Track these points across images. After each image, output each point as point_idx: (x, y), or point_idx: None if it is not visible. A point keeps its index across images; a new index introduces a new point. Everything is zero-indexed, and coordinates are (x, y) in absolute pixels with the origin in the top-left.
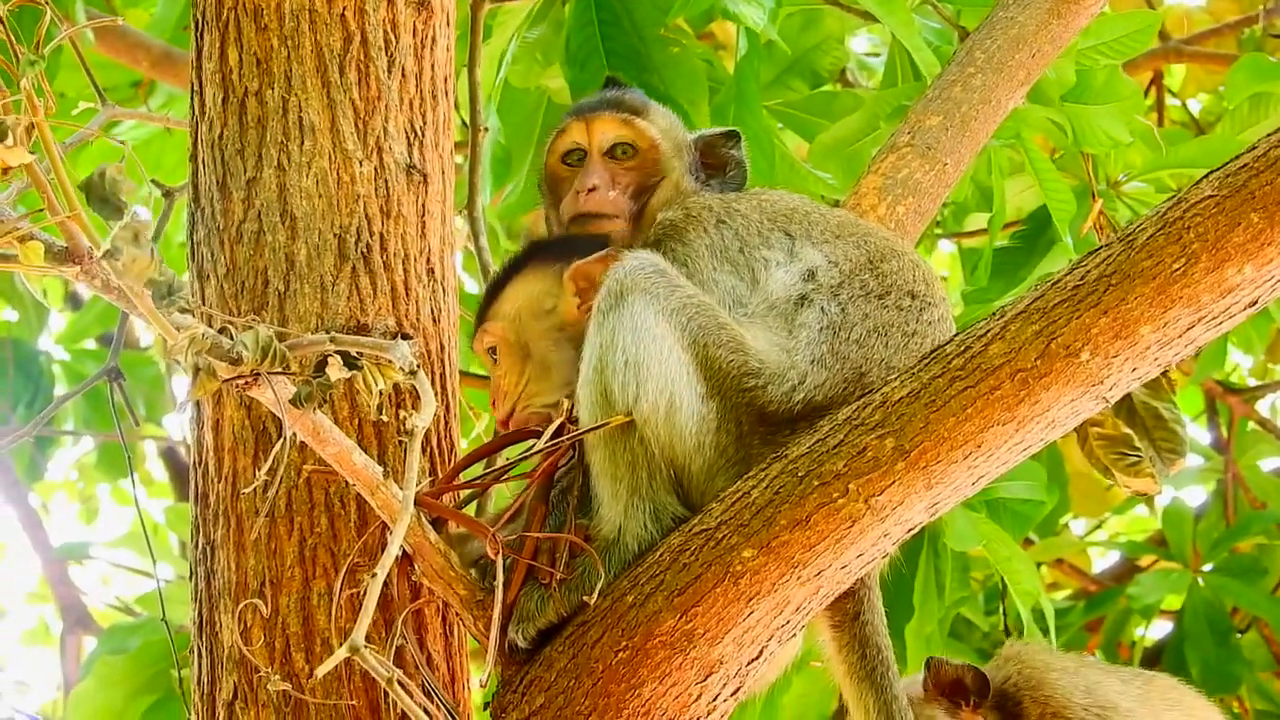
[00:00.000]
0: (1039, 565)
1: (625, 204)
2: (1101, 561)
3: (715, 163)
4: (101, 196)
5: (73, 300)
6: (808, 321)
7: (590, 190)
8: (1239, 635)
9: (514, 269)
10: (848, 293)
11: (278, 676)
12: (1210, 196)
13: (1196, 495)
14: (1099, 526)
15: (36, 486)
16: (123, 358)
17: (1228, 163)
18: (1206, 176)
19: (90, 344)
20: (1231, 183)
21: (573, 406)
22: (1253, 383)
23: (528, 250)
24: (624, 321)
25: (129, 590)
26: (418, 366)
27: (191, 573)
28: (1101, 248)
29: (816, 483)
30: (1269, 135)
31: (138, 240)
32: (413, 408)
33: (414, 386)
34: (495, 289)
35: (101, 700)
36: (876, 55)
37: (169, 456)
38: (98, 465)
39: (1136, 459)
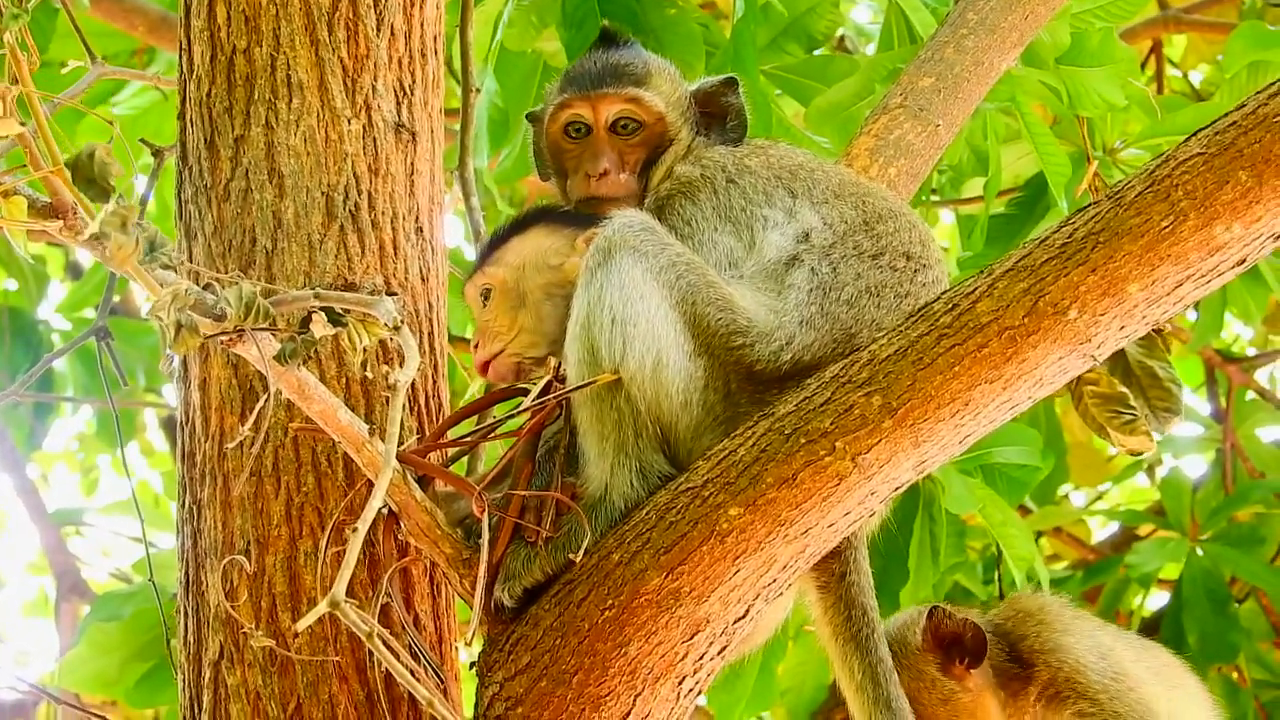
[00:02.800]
0: (1038, 535)
1: (633, 183)
2: (1101, 532)
3: (715, 111)
4: (88, 177)
5: (73, 270)
6: (797, 282)
7: (603, 175)
8: (1237, 605)
9: (525, 223)
10: (840, 253)
11: (262, 634)
12: (1199, 154)
13: (1196, 465)
14: (1099, 498)
15: (37, 457)
16: (123, 326)
17: (1216, 120)
18: (1195, 134)
19: (90, 313)
20: (1220, 140)
21: (560, 364)
22: (1251, 352)
23: (541, 209)
24: (611, 278)
25: (128, 560)
26: (402, 322)
27: (178, 532)
28: (1089, 205)
29: (803, 441)
30: (1258, 93)
31: (125, 227)
32: (399, 365)
33: (400, 344)
34: (501, 238)
35: (95, 667)
36: (876, 23)
37: (170, 426)
38: (98, 435)
39: (1131, 417)
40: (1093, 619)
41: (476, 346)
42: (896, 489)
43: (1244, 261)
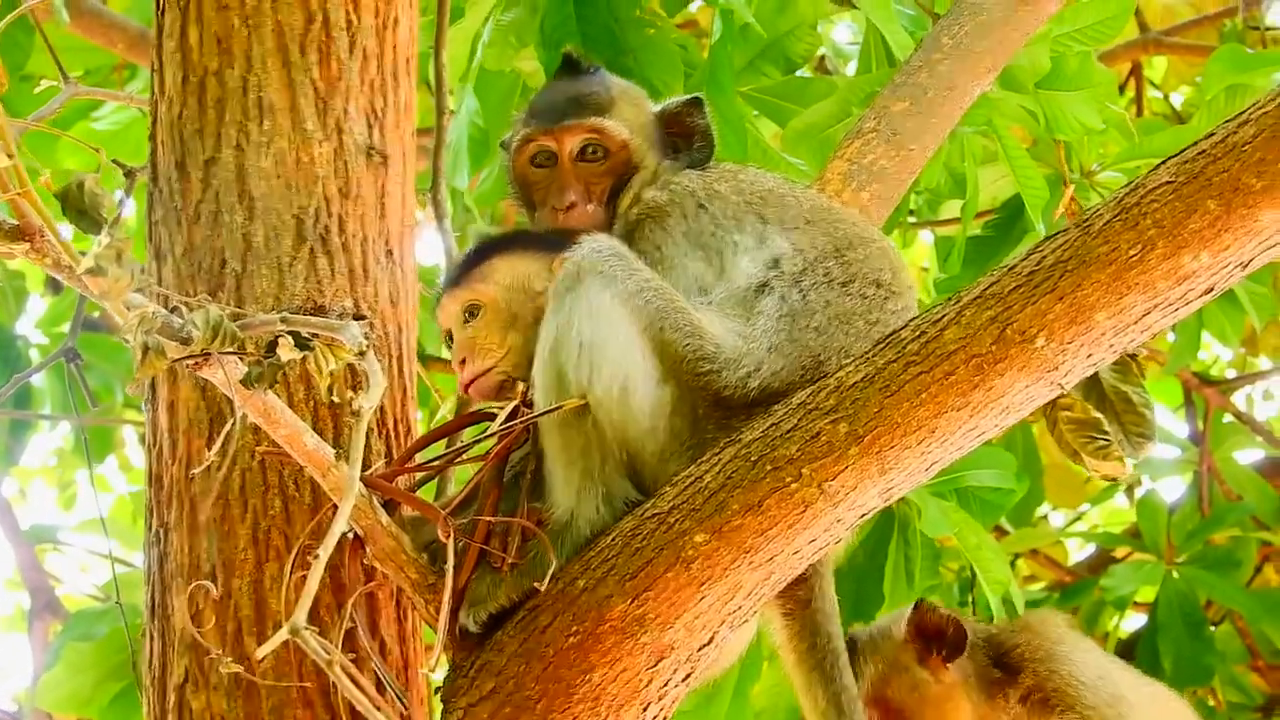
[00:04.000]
0: (1015, 557)
1: (601, 213)
2: (1078, 554)
3: (681, 132)
4: (79, 208)
5: (52, 285)
6: (766, 309)
7: (569, 208)
8: (1213, 627)
9: (504, 245)
10: (810, 280)
11: (229, 659)
12: (1168, 183)
13: (1174, 488)
14: (1078, 519)
15: (15, 471)
16: (101, 343)
17: (1185, 149)
18: (1164, 163)
19: (69, 327)
20: (1189, 169)
21: (528, 389)
22: (1230, 375)
23: (518, 233)
24: (580, 304)
25: (105, 576)
26: (367, 347)
27: (145, 555)
28: (1058, 234)
29: (769, 467)
30: (1227, 122)
31: (120, 259)
32: (366, 390)
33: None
34: (483, 255)
35: (69, 687)
36: (856, 44)
37: None
38: (75, 451)
39: (1105, 443)
40: (1093, 643)
41: (463, 363)
42: (863, 516)
43: (1212, 290)
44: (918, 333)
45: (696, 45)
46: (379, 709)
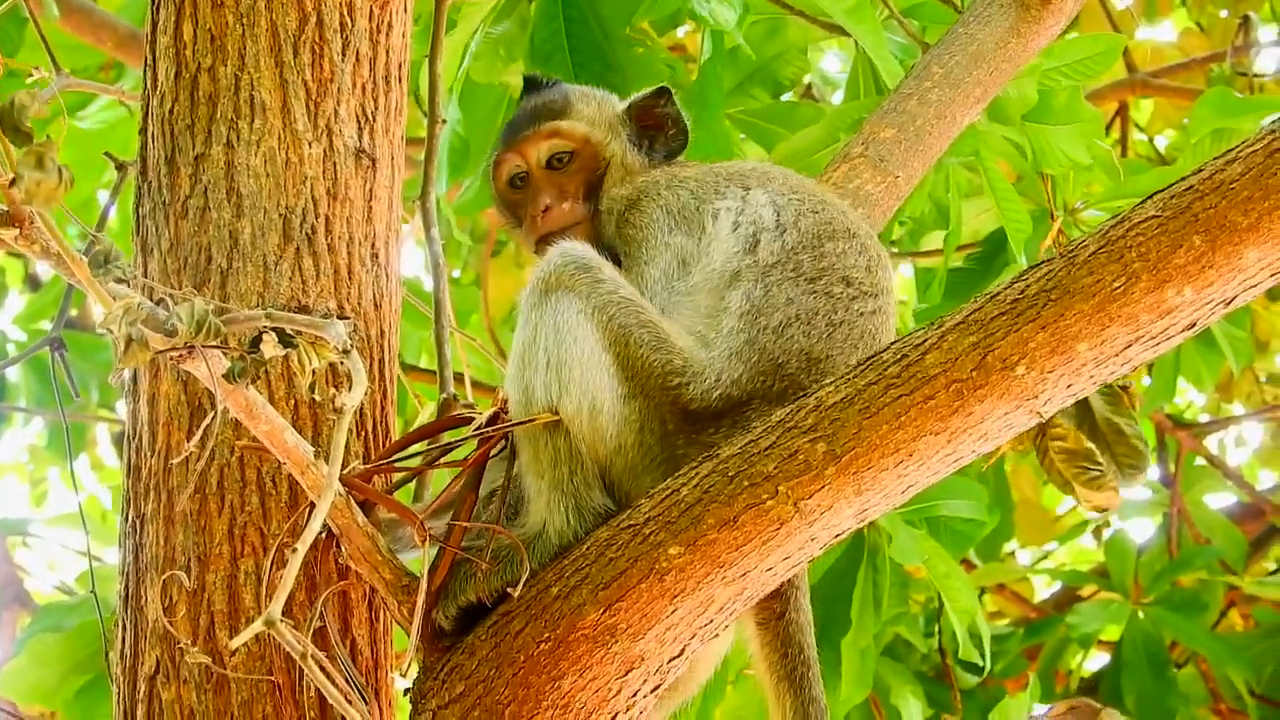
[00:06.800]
0: (981, 591)
1: (580, 209)
2: (1044, 590)
3: (653, 124)
4: (13, 125)
5: (31, 282)
6: (731, 305)
7: (545, 211)
8: (1176, 669)
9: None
10: (778, 274)
11: (198, 650)
12: (1154, 217)
13: (1143, 529)
14: (1045, 557)
15: None
16: (78, 340)
17: (1173, 184)
18: (1151, 197)
19: (47, 325)
20: (1176, 204)
21: (506, 398)
22: (1204, 419)
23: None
24: (546, 320)
25: (73, 574)
26: (351, 346)
27: (120, 545)
28: (1043, 263)
29: (746, 483)
30: (1215, 159)
31: (42, 164)
32: (348, 389)
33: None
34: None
35: (34, 678)
36: (844, 73)
37: (121, 442)
38: (48, 447)
39: (1098, 473)
40: None
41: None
42: (837, 536)
43: (1194, 325)
44: (899, 355)
45: (684, 68)
46: (350, 702)
